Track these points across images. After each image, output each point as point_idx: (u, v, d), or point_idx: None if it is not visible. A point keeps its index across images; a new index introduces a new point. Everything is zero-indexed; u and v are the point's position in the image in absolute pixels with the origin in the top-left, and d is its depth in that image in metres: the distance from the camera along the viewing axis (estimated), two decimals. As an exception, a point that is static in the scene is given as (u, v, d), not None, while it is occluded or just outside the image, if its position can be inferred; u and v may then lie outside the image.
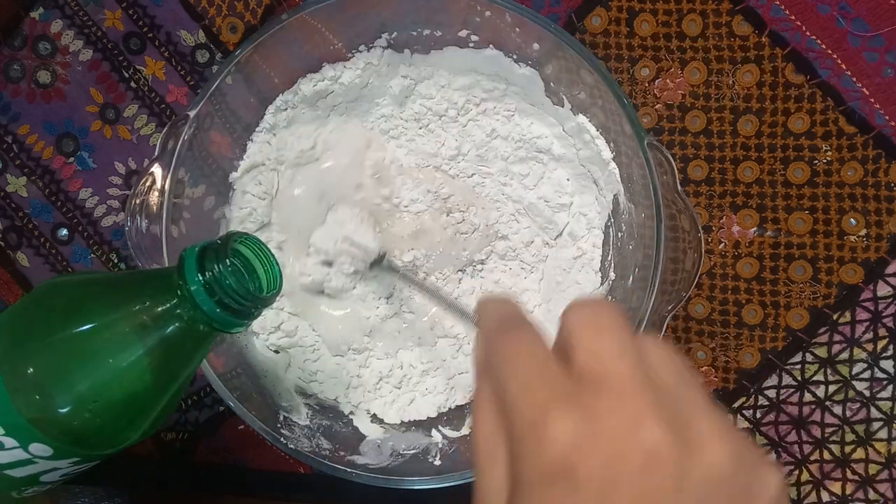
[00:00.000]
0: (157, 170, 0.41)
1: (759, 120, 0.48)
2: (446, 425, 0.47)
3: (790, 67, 0.48)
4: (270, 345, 0.47)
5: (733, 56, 0.48)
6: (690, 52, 0.48)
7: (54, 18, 0.51)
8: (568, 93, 0.45)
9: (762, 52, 0.48)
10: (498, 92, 0.47)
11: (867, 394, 0.48)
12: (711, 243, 0.49)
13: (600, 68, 0.40)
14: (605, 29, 0.49)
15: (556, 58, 0.44)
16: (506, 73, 0.46)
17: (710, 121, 0.49)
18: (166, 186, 0.41)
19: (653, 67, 0.49)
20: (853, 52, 0.47)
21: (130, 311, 0.32)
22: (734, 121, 0.48)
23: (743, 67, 0.48)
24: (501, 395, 0.23)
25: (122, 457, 0.36)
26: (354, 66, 0.46)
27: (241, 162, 0.47)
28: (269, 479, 0.51)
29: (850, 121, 0.47)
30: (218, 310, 0.31)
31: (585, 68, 0.41)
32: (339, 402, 0.48)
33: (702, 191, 0.49)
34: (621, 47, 0.49)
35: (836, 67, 0.47)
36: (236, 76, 0.43)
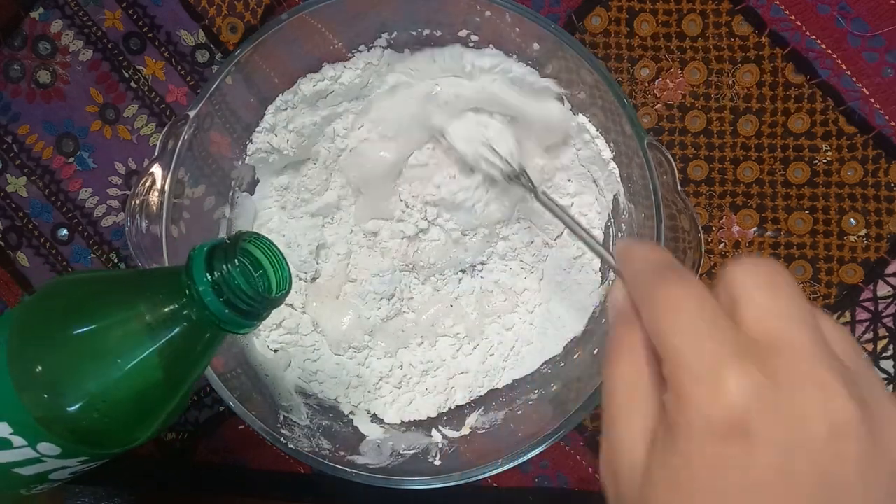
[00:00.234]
0: (157, 170, 0.41)
1: (759, 120, 0.48)
2: (446, 425, 0.47)
3: (790, 67, 0.48)
4: (272, 342, 0.47)
5: (733, 56, 0.48)
6: (690, 52, 0.48)
7: (54, 18, 0.51)
8: (568, 93, 0.45)
9: (762, 52, 0.48)
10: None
11: (867, 394, 0.48)
12: (711, 243, 0.49)
13: (600, 68, 0.40)
14: (605, 29, 0.49)
15: (556, 58, 0.44)
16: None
17: (710, 121, 0.49)
18: (166, 186, 0.41)
19: (653, 67, 0.49)
20: (853, 52, 0.47)
21: (139, 310, 0.31)
22: (734, 121, 0.48)
23: (743, 67, 0.48)
24: (662, 345, 0.22)
25: (123, 457, 0.36)
26: (354, 66, 0.46)
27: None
28: (269, 479, 0.51)
29: (850, 121, 0.47)
30: (226, 310, 0.30)
31: (585, 68, 0.41)
32: (339, 402, 0.48)
33: (702, 191, 0.49)
34: (621, 47, 0.49)
35: (836, 67, 0.47)
36: (236, 76, 0.43)
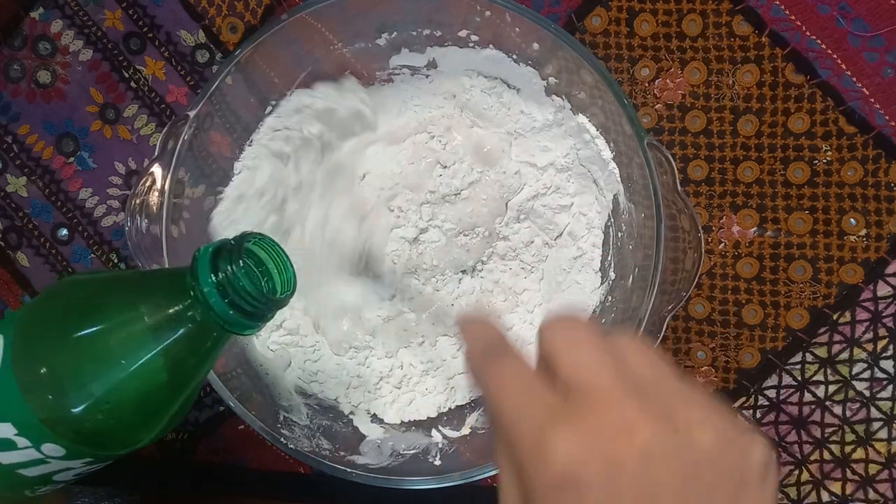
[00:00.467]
0: (157, 170, 0.41)
1: (759, 120, 0.48)
2: (446, 425, 0.47)
3: (790, 67, 0.48)
4: (272, 343, 0.47)
5: (733, 56, 0.48)
6: (690, 52, 0.48)
7: (54, 18, 0.51)
8: (568, 93, 0.45)
9: (762, 52, 0.48)
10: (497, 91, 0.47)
11: (867, 394, 0.48)
12: (711, 243, 0.49)
13: (600, 68, 0.40)
14: (605, 29, 0.49)
15: (556, 58, 0.44)
16: (506, 73, 0.46)
17: (710, 121, 0.49)
18: (166, 186, 0.41)
19: (653, 67, 0.49)
20: (853, 52, 0.47)
21: (143, 311, 0.31)
22: (734, 121, 0.48)
23: (743, 67, 0.48)
24: (496, 418, 0.25)
25: (123, 457, 0.36)
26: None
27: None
28: (269, 479, 0.51)
29: (850, 121, 0.47)
30: (231, 311, 0.30)
31: (585, 68, 0.41)
32: (340, 402, 0.48)
33: (702, 191, 0.49)
34: (621, 47, 0.49)
35: (836, 67, 0.47)
36: (236, 76, 0.43)
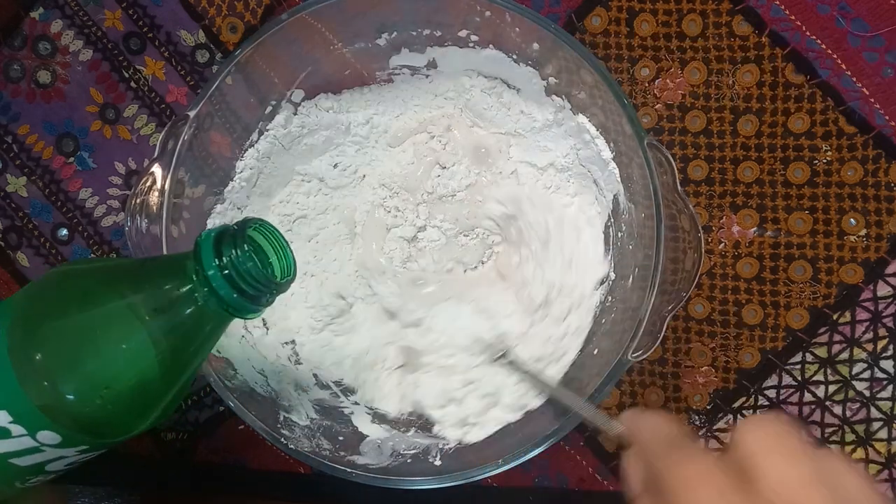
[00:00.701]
0: (157, 170, 0.41)
1: (759, 120, 0.48)
2: (447, 426, 0.47)
3: (790, 67, 0.48)
4: (273, 340, 0.47)
5: (733, 56, 0.48)
6: (690, 52, 0.48)
7: (54, 18, 0.51)
8: (568, 93, 0.45)
9: (762, 52, 0.48)
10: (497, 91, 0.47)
11: (867, 394, 0.48)
12: (711, 243, 0.49)
13: (600, 68, 0.40)
14: (605, 29, 0.49)
15: (556, 58, 0.44)
16: (506, 73, 0.46)
17: (710, 121, 0.49)
18: (166, 186, 0.41)
19: (653, 67, 0.49)
20: (853, 52, 0.47)
21: (143, 296, 0.32)
22: (734, 121, 0.48)
23: (743, 67, 0.48)
24: None
25: (123, 457, 0.36)
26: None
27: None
28: (269, 479, 0.51)
29: (850, 121, 0.47)
30: (234, 294, 0.31)
31: (585, 68, 0.41)
32: (344, 382, 0.48)
33: (702, 191, 0.49)
34: (621, 47, 0.49)
35: (836, 67, 0.47)
36: (236, 76, 0.43)
